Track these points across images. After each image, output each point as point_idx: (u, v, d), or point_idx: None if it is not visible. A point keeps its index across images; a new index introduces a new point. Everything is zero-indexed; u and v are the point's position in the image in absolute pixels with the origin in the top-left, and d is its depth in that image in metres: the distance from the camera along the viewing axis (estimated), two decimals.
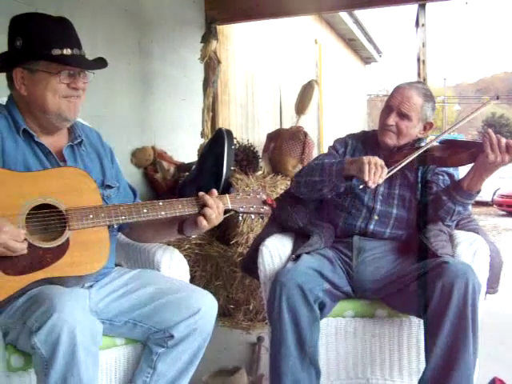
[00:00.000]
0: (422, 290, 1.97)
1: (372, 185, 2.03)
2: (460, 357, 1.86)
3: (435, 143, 2.28)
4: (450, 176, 2.32)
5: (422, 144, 2.28)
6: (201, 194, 1.85)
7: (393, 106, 2.30)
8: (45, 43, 1.75)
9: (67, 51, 1.75)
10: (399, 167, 2.15)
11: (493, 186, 12.05)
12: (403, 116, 2.28)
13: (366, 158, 2.06)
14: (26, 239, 1.56)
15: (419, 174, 2.33)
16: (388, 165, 2.27)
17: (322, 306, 2.08)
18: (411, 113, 2.28)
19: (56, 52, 1.74)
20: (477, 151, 2.10)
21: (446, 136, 2.35)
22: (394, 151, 2.32)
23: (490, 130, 2.08)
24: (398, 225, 2.31)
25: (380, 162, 2.07)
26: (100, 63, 1.86)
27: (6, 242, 1.51)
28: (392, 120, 2.29)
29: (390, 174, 2.13)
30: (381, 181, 2.05)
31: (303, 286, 2.02)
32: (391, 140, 2.32)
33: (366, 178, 2.02)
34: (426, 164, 2.27)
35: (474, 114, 2.30)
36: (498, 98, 2.30)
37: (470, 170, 2.16)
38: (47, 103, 1.77)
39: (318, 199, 2.38)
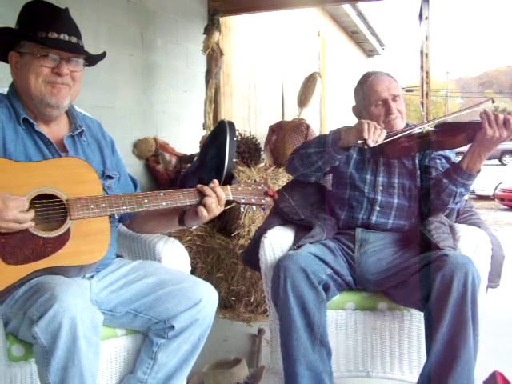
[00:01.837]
0: (422, 282, 1.97)
1: (371, 143, 2.07)
2: (460, 349, 1.85)
3: (431, 128, 2.29)
4: (447, 159, 2.34)
5: (415, 129, 2.28)
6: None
7: (386, 97, 2.31)
8: (32, 25, 1.73)
9: (52, 35, 1.72)
10: (400, 135, 2.20)
11: (494, 181, 12.02)
12: (396, 98, 2.32)
13: (364, 120, 2.12)
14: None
15: (416, 161, 2.34)
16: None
17: (326, 288, 2.09)
18: (399, 91, 2.35)
19: (41, 34, 1.71)
20: (474, 131, 2.10)
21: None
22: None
23: (487, 109, 2.08)
24: (399, 214, 2.31)
25: (379, 125, 2.12)
26: (83, 50, 1.80)
27: (16, 216, 1.52)
28: (394, 109, 2.31)
29: (390, 139, 2.16)
30: (380, 140, 2.09)
31: (306, 269, 2.02)
32: (401, 125, 2.33)
33: (366, 136, 2.06)
34: (425, 149, 2.27)
35: (472, 109, 2.32)
36: (493, 102, 2.31)
37: (467, 150, 2.16)
38: (30, 87, 1.75)
39: (314, 174, 2.36)
